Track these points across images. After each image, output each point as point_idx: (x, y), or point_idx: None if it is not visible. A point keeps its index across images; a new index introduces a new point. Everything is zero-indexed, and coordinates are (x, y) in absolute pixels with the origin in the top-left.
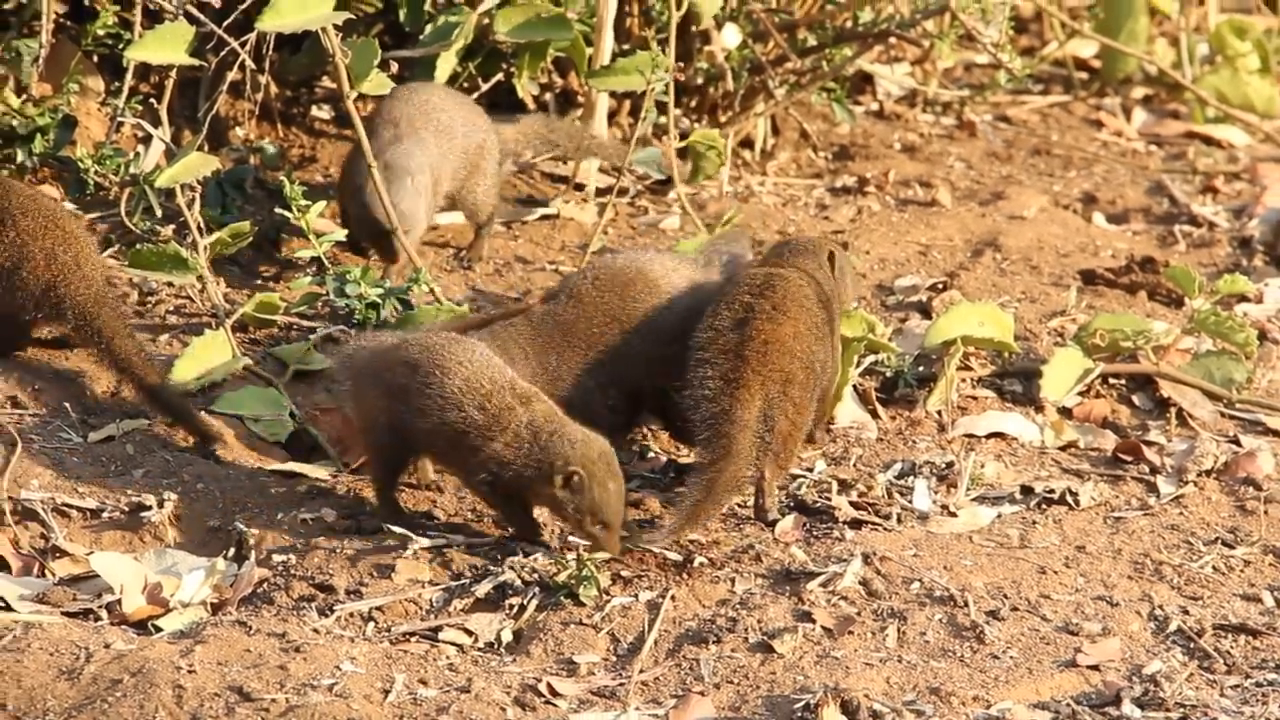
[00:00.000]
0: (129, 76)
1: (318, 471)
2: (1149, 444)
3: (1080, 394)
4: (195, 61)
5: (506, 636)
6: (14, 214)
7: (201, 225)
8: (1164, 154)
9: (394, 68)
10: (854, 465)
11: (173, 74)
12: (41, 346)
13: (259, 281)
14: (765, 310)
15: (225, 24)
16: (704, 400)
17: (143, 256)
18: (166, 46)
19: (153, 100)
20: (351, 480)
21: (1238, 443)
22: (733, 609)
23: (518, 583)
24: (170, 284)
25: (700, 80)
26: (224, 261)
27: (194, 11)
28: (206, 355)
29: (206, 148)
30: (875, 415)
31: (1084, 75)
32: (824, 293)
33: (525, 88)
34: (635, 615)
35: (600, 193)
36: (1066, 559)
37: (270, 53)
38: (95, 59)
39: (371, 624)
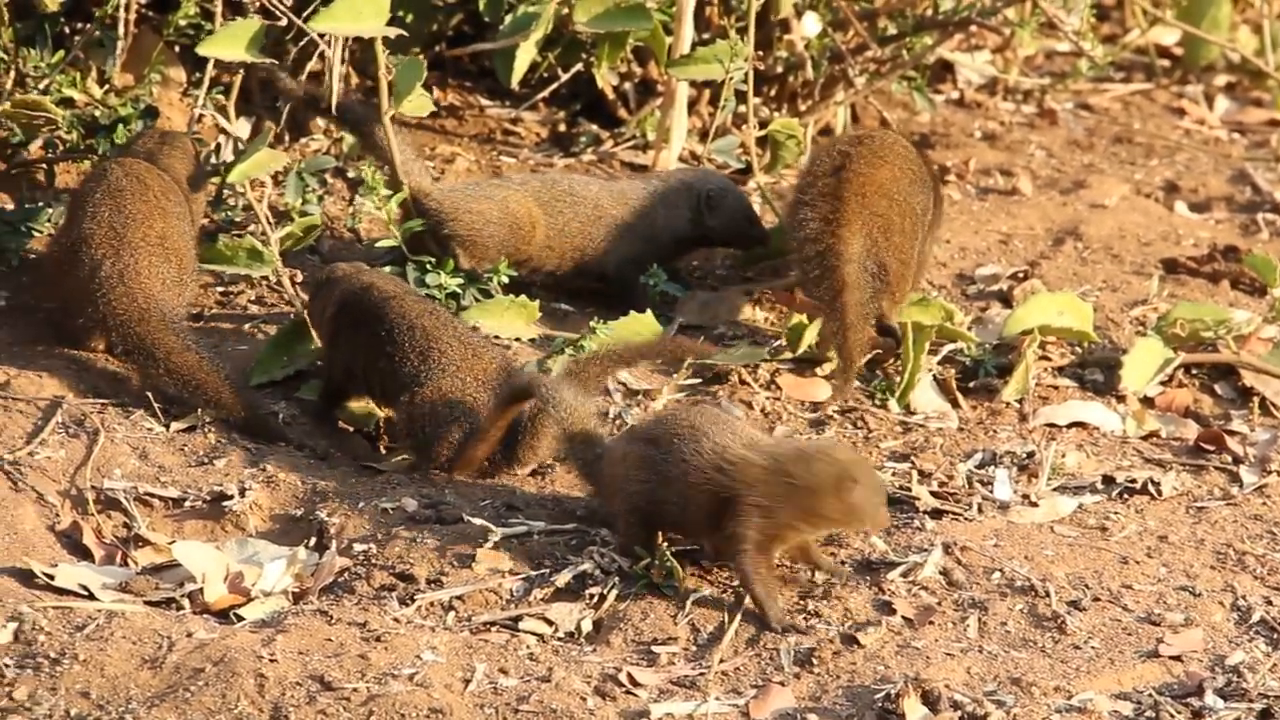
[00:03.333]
0: (210, 67)
1: (398, 461)
2: (1231, 433)
3: (1162, 383)
4: (264, 60)
5: (586, 626)
6: (83, 212)
7: (271, 220)
8: (1247, 142)
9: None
10: (934, 454)
11: (240, 69)
12: None
13: None
14: (863, 156)
15: (305, 16)
16: (807, 241)
17: (219, 250)
18: (236, 42)
19: (225, 93)
20: (431, 470)
21: None
22: (813, 599)
23: (598, 572)
24: (249, 276)
25: (780, 69)
26: (306, 251)
27: (271, 4)
28: (288, 344)
29: (286, 138)
30: (955, 404)
31: (1166, 63)
32: (924, 156)
33: (604, 77)
34: (715, 605)
35: None
36: (1148, 549)
37: (350, 44)
38: (177, 49)
39: (452, 613)
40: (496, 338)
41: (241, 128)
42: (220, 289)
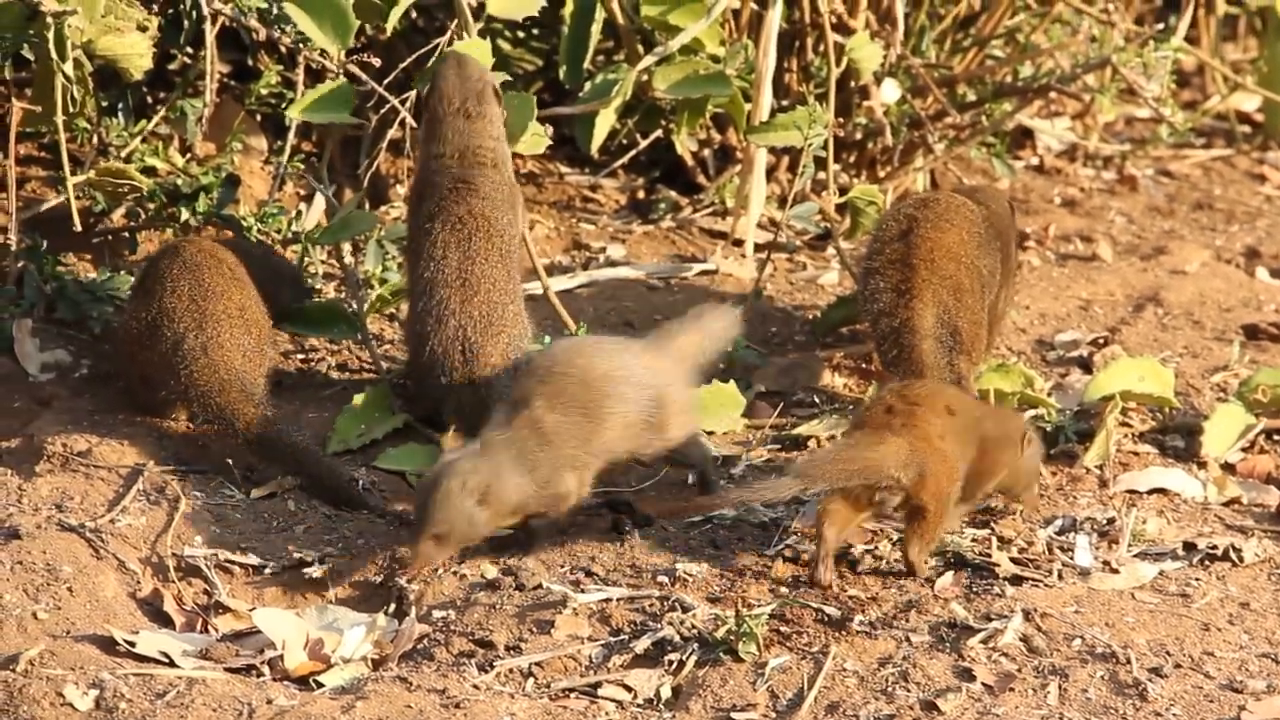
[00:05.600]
0: (291, 135)
1: None
2: None
3: (1243, 449)
4: (356, 120)
5: (665, 692)
6: (161, 288)
7: (362, 282)
8: None
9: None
10: (1015, 520)
11: (334, 133)
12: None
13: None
14: (929, 219)
15: (385, 82)
16: (881, 315)
17: (304, 314)
18: (327, 105)
19: (314, 159)
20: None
21: None
22: (893, 665)
23: (676, 638)
24: (331, 341)
25: (859, 135)
26: (384, 317)
27: (355, 70)
28: (367, 412)
29: (367, 205)
30: None
31: (1246, 129)
32: (995, 219)
33: (684, 144)
34: (794, 672)
35: (759, 248)
36: (1230, 616)
37: None
38: (258, 118)
39: (531, 680)
40: None
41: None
42: (301, 355)
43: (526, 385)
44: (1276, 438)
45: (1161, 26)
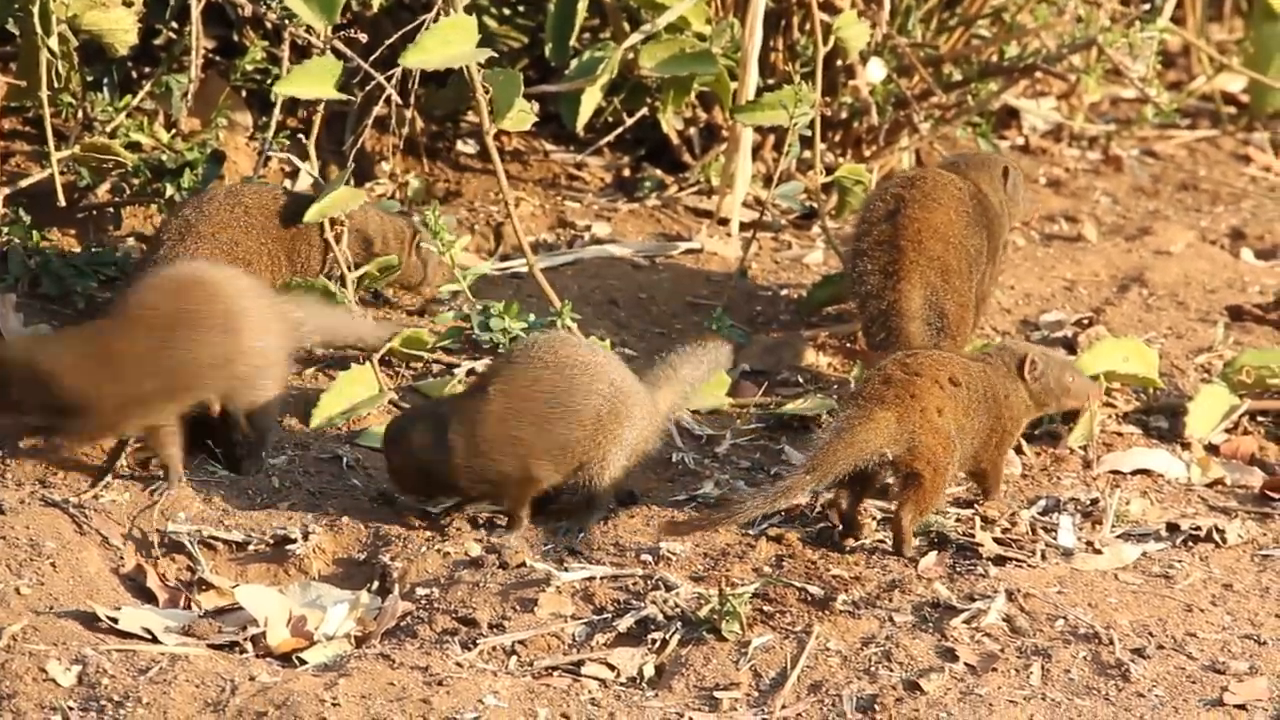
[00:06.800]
0: (276, 111)
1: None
2: None
3: (1227, 431)
4: (343, 96)
5: (649, 671)
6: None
7: (350, 260)
8: None
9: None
10: (998, 501)
11: (320, 108)
12: None
13: (402, 315)
14: (916, 199)
15: (371, 59)
16: (869, 298)
17: (290, 292)
18: (315, 81)
19: (300, 135)
20: (492, 513)
21: None
22: (876, 645)
23: (660, 617)
24: None
25: (844, 114)
26: (366, 295)
27: (340, 47)
28: (352, 390)
29: (353, 182)
30: (1019, 451)
31: (1232, 110)
32: (981, 194)
33: (669, 122)
34: (778, 651)
35: (744, 227)
36: (1213, 597)
37: (415, 88)
38: (243, 94)
39: (514, 658)
40: None
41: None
42: None
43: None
44: (1260, 419)
45: (1147, 7)
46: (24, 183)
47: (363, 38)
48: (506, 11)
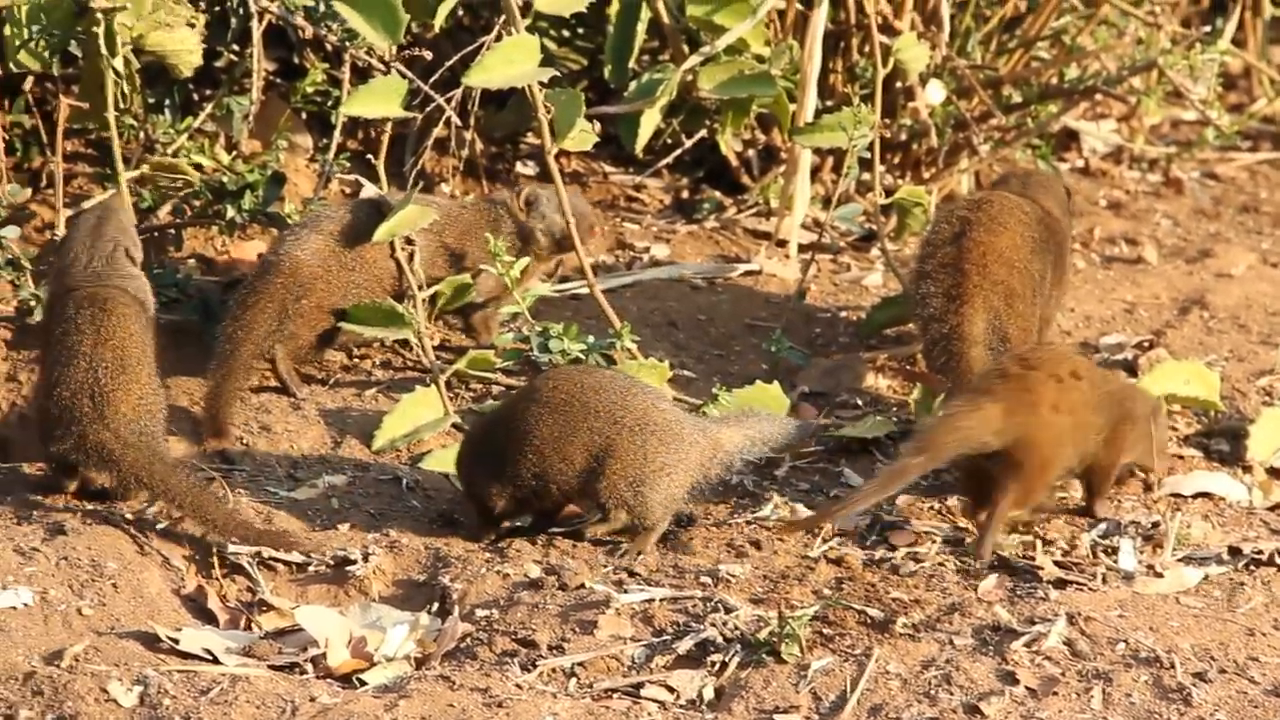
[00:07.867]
0: (337, 132)
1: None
2: None
3: None
4: (409, 114)
5: (708, 694)
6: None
7: (422, 280)
8: None
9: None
10: (1059, 524)
11: (387, 128)
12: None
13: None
14: (982, 222)
15: (431, 80)
16: (931, 320)
17: (359, 312)
18: (380, 100)
19: (365, 156)
20: (551, 536)
21: None
22: (936, 668)
23: (719, 639)
24: (381, 340)
25: (904, 136)
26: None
27: (401, 68)
28: (415, 412)
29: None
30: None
31: None
32: (1049, 217)
33: (728, 144)
34: (837, 674)
35: (803, 249)
36: (1275, 621)
37: (475, 109)
38: (303, 116)
39: (574, 680)
40: None
41: (368, 191)
42: (349, 353)
43: None
44: None
45: (1208, 29)
46: (87, 204)
47: (428, 55)
48: (566, 33)
